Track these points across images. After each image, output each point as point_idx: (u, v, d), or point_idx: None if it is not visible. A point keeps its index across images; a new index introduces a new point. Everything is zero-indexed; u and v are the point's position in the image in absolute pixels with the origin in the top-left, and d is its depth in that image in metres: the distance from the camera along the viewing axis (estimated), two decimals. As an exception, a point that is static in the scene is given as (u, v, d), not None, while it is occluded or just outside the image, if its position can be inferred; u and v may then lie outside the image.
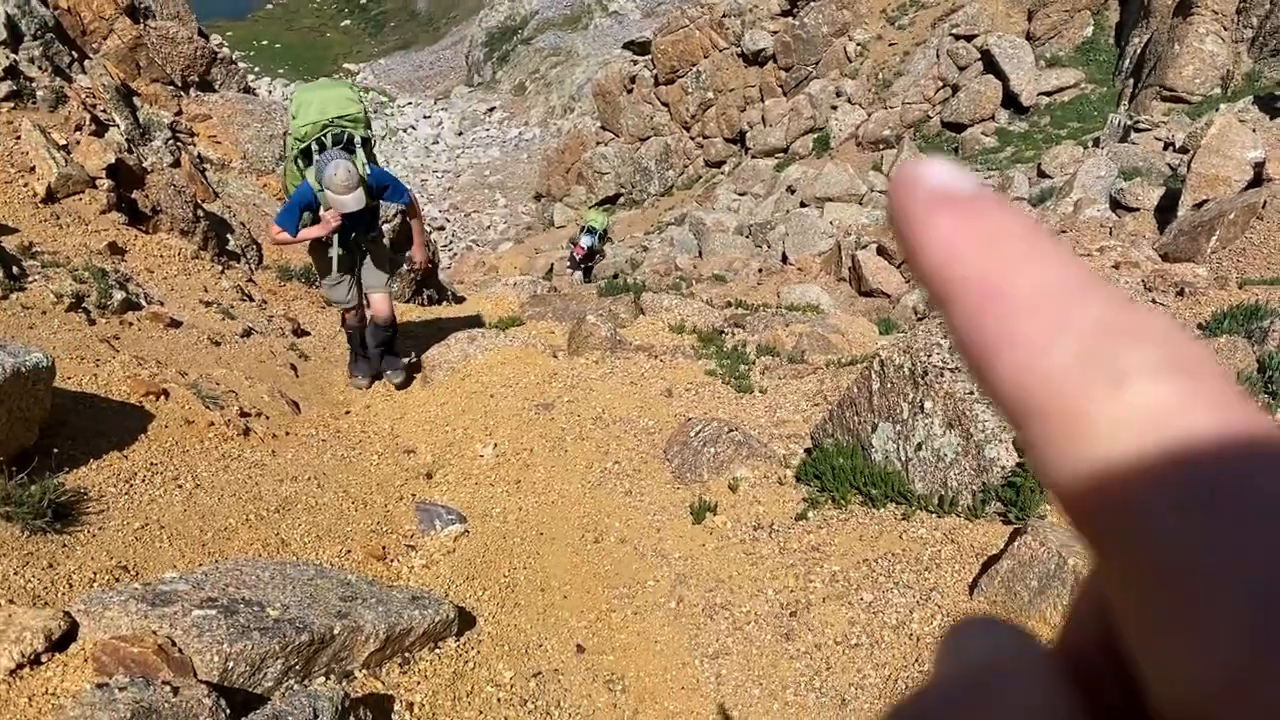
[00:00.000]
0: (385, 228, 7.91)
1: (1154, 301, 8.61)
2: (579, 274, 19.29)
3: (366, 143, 6.09)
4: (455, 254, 36.67)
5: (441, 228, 42.68)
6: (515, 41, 60.15)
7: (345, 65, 65.17)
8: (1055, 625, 3.42)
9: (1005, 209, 0.23)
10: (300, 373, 6.96)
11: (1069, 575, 3.33)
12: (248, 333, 7.10)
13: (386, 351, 6.88)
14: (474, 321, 8.47)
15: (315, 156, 5.89)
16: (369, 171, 6.00)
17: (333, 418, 6.21)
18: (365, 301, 6.64)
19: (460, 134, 54.11)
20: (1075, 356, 0.20)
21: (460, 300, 11.57)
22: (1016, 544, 3.55)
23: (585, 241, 19.11)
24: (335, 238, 6.09)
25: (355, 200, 5.75)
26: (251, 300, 8.14)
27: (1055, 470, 0.21)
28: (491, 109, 55.92)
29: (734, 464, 5.08)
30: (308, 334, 8.01)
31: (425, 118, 56.40)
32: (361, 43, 70.81)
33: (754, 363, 7.38)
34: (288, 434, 5.62)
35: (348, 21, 74.07)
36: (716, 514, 4.70)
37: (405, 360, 7.02)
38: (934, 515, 4.15)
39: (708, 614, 3.97)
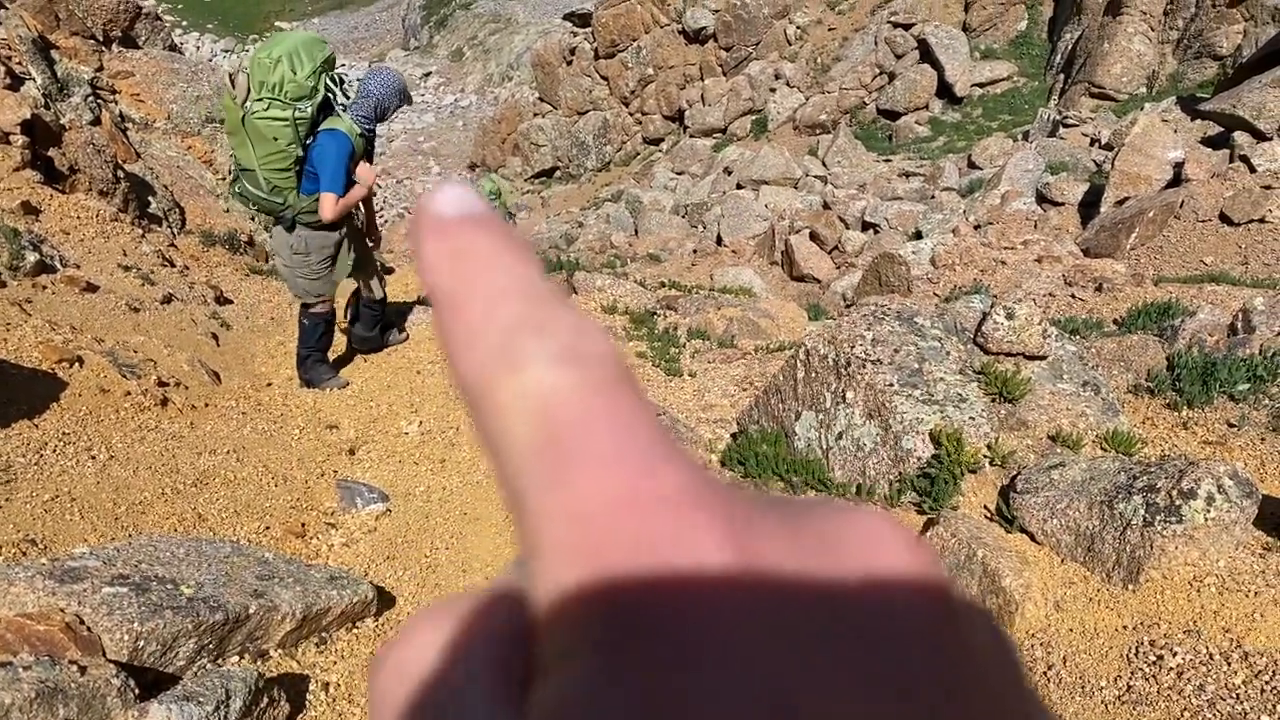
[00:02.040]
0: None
1: (1074, 296, 8.86)
2: None
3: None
4: (386, 222, 36.12)
5: (372, 195, 41.92)
6: (454, 6, 59.18)
7: (277, 24, 63.46)
8: (963, 614, 3.54)
9: (481, 230, 0.25)
10: (222, 342, 6.83)
11: (977, 567, 3.44)
12: (168, 299, 6.93)
13: (383, 328, 6.74)
14: (402, 294, 8.37)
15: (339, 100, 5.51)
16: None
17: (254, 390, 6.11)
18: (364, 287, 6.39)
19: (395, 99, 53.05)
20: (492, 349, 0.23)
21: (389, 271, 11.42)
22: (929, 534, 3.65)
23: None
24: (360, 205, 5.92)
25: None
26: (173, 266, 7.94)
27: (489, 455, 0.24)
28: (427, 74, 55.02)
29: (659, 447, 5.11)
30: (230, 302, 7.84)
31: (358, 79, 55.20)
32: (295, 1, 68.97)
33: (684, 346, 7.43)
34: (207, 405, 5.52)
35: (282, -22, 72.03)
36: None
37: (399, 327, 6.98)
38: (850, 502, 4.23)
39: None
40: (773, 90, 28.10)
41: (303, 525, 4.37)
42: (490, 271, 0.25)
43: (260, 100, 5.31)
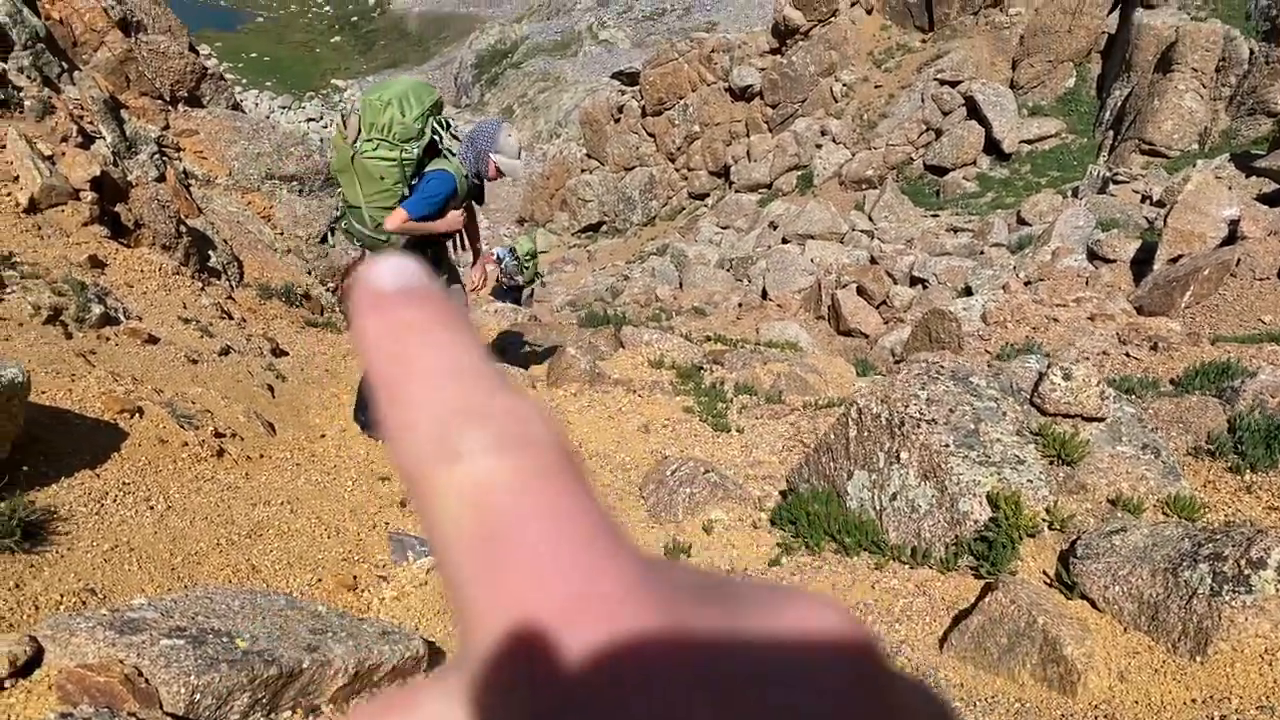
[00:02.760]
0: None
1: (1128, 355, 8.72)
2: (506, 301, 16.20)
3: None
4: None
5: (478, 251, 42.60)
6: (505, 65, 60.46)
7: (334, 80, 65.26)
8: (1024, 683, 3.44)
9: (419, 306, 0.25)
10: (277, 394, 6.92)
11: (1037, 634, 3.36)
12: (225, 351, 7.06)
13: None
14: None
15: (444, 143, 5.57)
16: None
17: (308, 441, 6.18)
18: None
19: (446, 154, 54.14)
20: (428, 437, 0.23)
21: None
22: (987, 599, 3.58)
23: (500, 253, 15.69)
24: (451, 243, 6.00)
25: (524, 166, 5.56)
26: (230, 318, 8.10)
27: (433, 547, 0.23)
28: (478, 131, 55.94)
29: (709, 505, 5.09)
30: (286, 354, 7.96)
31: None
32: (351, 59, 70.94)
33: (731, 401, 7.40)
34: (262, 456, 5.59)
35: (338, 38, 74.27)
36: (690, 556, 4.70)
37: None
38: (907, 566, 4.17)
39: (678, 657, 3.97)
40: (819, 146, 28.25)
41: (355, 578, 4.39)
42: (427, 352, 0.24)
43: (370, 141, 5.45)
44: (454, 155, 5.60)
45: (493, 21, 66.73)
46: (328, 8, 78.54)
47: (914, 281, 15.57)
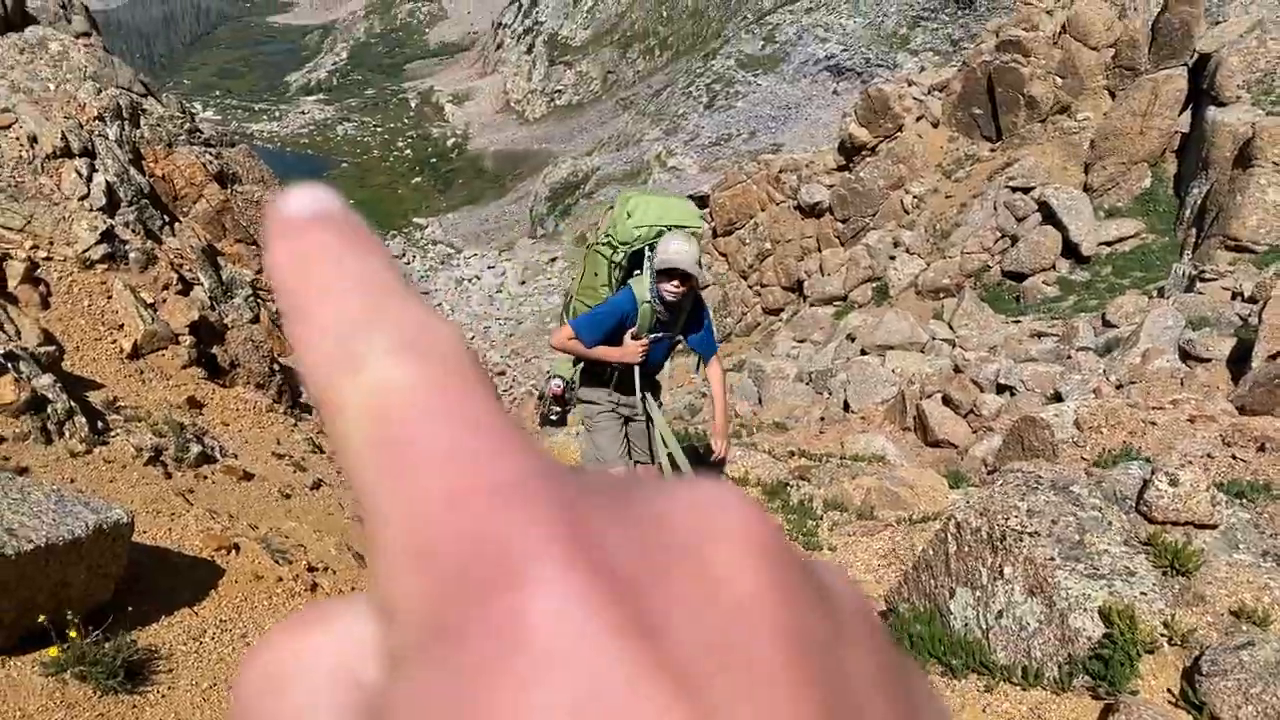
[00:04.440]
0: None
1: (1234, 457, 8.37)
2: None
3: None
4: (516, 399, 37.17)
5: (502, 373, 43.46)
6: (577, 195, 62.44)
7: (415, 219, 68.02)
8: (1157, 815, 3.20)
9: (329, 229, 0.25)
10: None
11: (1169, 760, 3.14)
12: (317, 485, 7.20)
13: None
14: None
15: (647, 262, 4.95)
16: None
17: (398, 572, 6.21)
18: None
19: (523, 283, 55.71)
20: (332, 349, 0.22)
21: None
22: (1110, 723, 3.38)
23: (557, 384, 16.38)
24: (619, 371, 5.18)
25: (691, 257, 4.75)
26: (322, 452, 8.29)
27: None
28: (553, 259, 57.59)
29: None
30: (375, 485, 8.10)
31: (490, 268, 58.29)
32: (431, 198, 74.04)
33: (821, 518, 7.26)
34: (354, 589, 5.62)
35: (419, 179, 77.72)
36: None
37: None
38: (1018, 688, 3.96)
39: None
40: (892, 258, 28.29)
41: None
42: (335, 269, 0.24)
43: (605, 235, 5.23)
44: (647, 277, 4.92)
45: (565, 155, 69.27)
46: (408, 151, 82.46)
47: (1000, 389, 15.27)
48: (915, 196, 29.48)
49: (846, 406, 18.48)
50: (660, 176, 60.41)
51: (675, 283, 4.79)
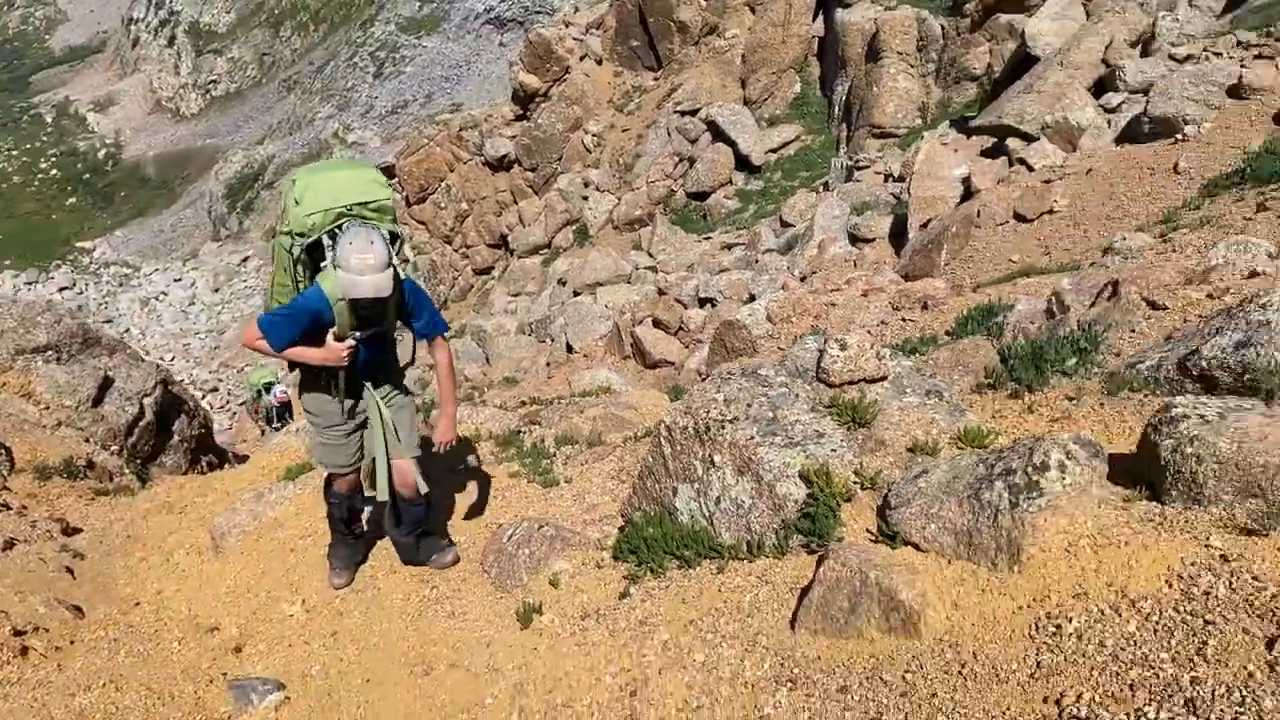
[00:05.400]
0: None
1: (904, 319, 9.32)
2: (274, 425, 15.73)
3: (395, 241, 4.51)
4: (235, 414, 35.02)
5: (214, 389, 40.74)
6: (257, 188, 58.91)
7: (78, 243, 61.74)
8: (873, 638, 3.59)
9: None
10: (78, 574, 6.44)
11: (873, 589, 3.52)
12: (10, 544, 6.52)
13: (423, 534, 5.46)
14: (261, 479, 8.10)
15: (329, 254, 4.36)
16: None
17: (121, 613, 5.77)
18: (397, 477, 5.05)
19: (217, 290, 52.24)
20: None
21: (244, 459, 11.05)
22: (822, 570, 3.73)
23: (281, 391, 15.67)
24: (342, 372, 4.67)
25: (376, 285, 4.14)
26: (9, 509, 7.48)
27: None
28: (245, 259, 54.33)
29: (551, 560, 5.08)
30: (80, 530, 7.42)
31: (176, 281, 54.13)
32: (91, 217, 67.20)
33: (555, 455, 7.42)
34: (73, 643, 5.18)
35: (73, 199, 70.23)
36: (543, 614, 4.67)
37: (448, 542, 5.62)
38: (745, 562, 4.28)
39: (550, 717, 3.92)
40: (585, 198, 28.89)
41: (199, 738, 4.13)
42: None
43: (284, 225, 4.55)
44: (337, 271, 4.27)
45: (234, 148, 65.01)
46: (55, 171, 74.23)
47: (702, 303, 16.10)
48: (594, 135, 30.13)
49: (569, 348, 18.85)
50: (342, 154, 58.00)
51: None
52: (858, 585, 3.59)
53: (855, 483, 4.25)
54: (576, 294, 22.07)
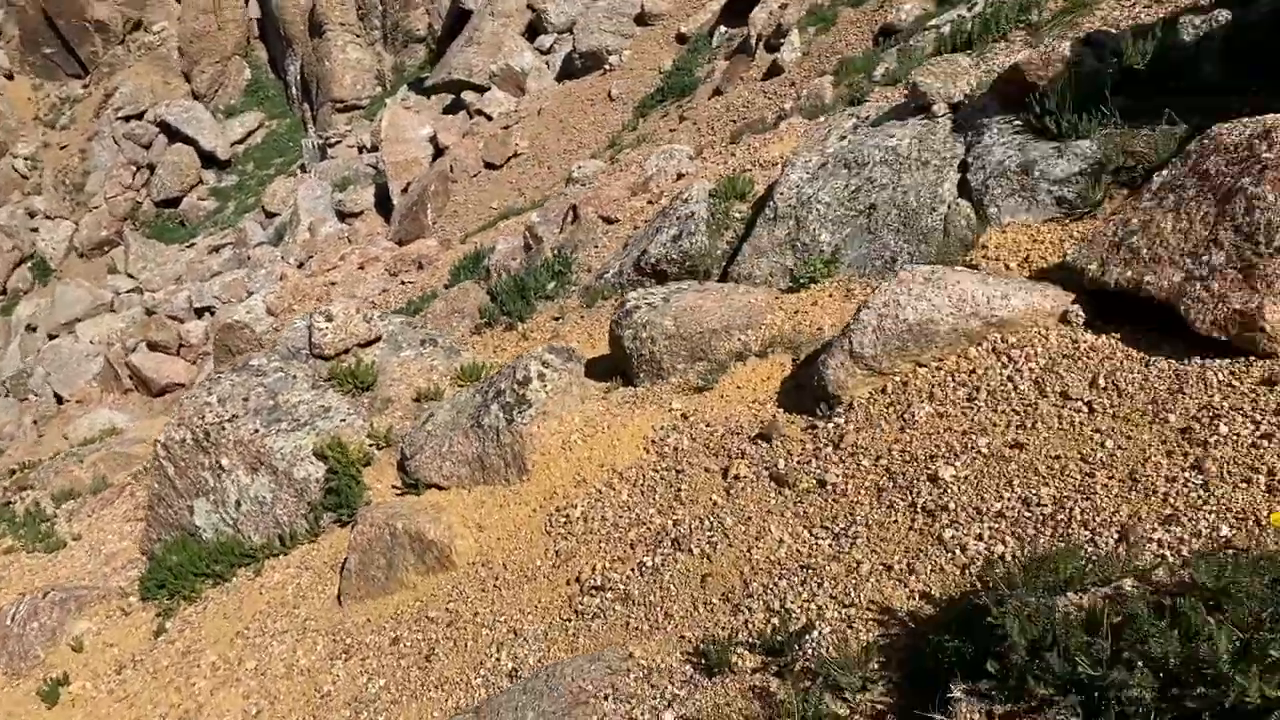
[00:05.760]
0: None
1: (403, 283, 9.44)
2: None
3: None
4: None
5: None
6: None
7: None
8: (415, 584, 3.70)
9: None
10: None
11: (403, 537, 3.62)
12: None
13: None
14: None
15: None
16: None
17: None
18: None
19: None
20: None
21: None
22: (353, 537, 3.76)
23: None
24: None
25: None
26: None
27: None
28: None
29: (68, 624, 4.56)
30: None
31: None
32: None
33: (55, 516, 6.63)
34: None
35: None
36: (71, 684, 4.21)
37: None
38: (282, 556, 4.19)
39: (103, 782, 3.59)
40: (34, 230, 25.41)
41: None
42: None
43: None
44: None
45: None
46: None
47: (200, 313, 15.04)
48: (26, 158, 26.51)
49: (59, 398, 16.72)
50: None
51: None
52: (389, 539, 3.67)
53: (371, 445, 4.30)
54: (52, 337, 19.50)
